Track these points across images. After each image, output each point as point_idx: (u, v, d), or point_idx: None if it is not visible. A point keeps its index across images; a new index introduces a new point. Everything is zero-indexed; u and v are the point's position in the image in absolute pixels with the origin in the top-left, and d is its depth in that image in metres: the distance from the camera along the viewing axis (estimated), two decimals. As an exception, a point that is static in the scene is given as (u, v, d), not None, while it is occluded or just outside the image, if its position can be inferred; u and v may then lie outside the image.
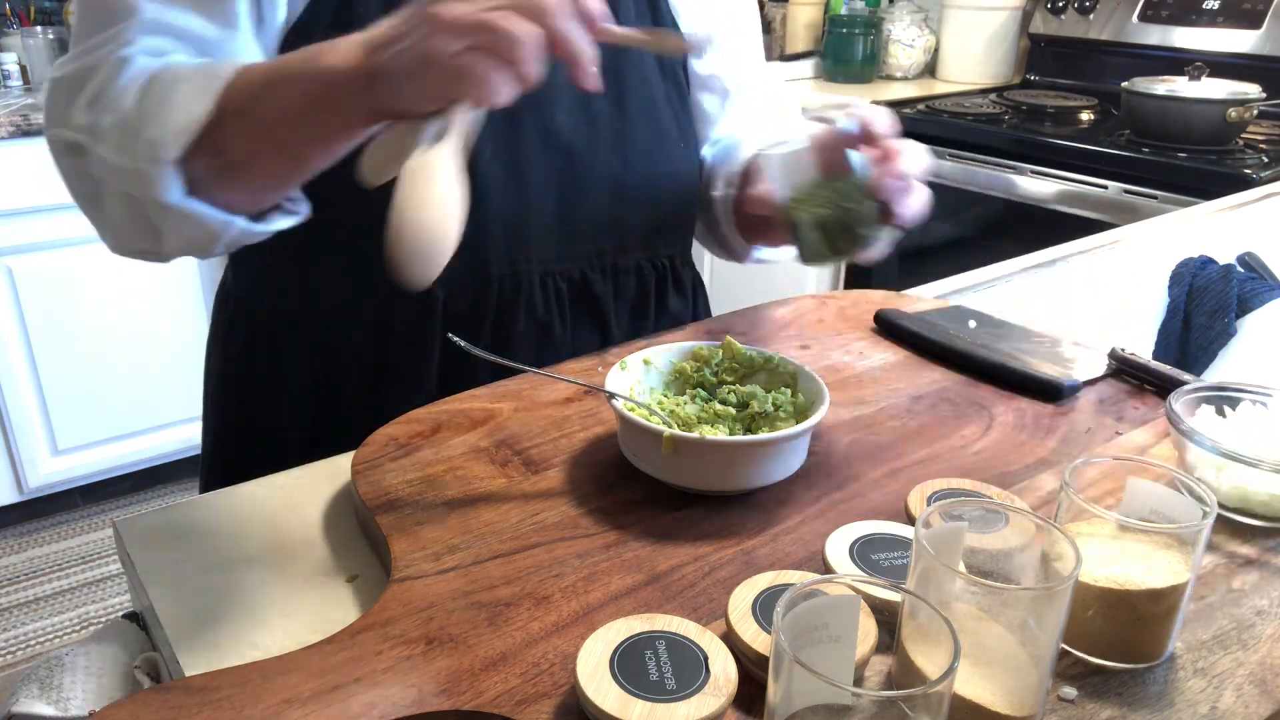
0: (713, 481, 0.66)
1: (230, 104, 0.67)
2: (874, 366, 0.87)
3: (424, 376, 0.85)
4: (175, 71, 0.69)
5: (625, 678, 0.48)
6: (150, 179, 0.67)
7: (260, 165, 0.70)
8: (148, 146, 0.67)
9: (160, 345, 2.53)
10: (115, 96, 0.69)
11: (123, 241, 0.75)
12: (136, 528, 0.67)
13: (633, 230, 0.92)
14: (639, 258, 0.93)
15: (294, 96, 0.65)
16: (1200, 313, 1.21)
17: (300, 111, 0.65)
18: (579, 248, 0.89)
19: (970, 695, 0.47)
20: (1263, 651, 0.53)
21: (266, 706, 0.48)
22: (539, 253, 0.86)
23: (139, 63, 0.70)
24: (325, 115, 0.65)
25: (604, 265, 0.91)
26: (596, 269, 0.90)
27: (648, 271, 0.95)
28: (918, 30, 2.84)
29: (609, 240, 0.90)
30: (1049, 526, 0.48)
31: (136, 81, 0.69)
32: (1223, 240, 1.33)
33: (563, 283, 0.89)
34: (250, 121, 0.67)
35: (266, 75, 0.68)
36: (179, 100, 0.67)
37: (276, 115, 0.66)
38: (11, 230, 2.28)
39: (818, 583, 0.44)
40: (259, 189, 0.72)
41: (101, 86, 0.70)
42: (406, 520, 0.63)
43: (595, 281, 0.90)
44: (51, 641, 2.22)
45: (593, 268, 0.90)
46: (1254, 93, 1.94)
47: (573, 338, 0.90)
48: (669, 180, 0.93)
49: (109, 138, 0.69)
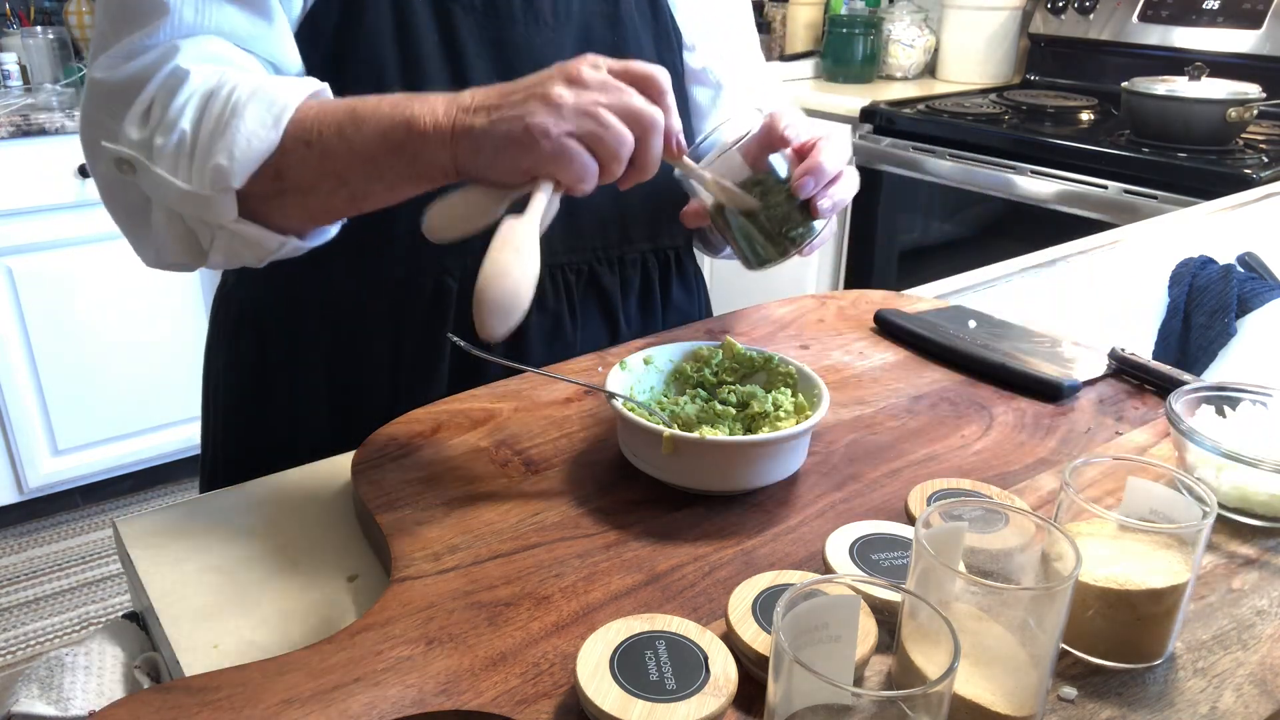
0: (713, 481, 0.66)
1: (298, 133, 0.67)
2: (874, 366, 0.88)
3: (436, 376, 0.86)
4: (236, 92, 0.68)
5: (625, 678, 0.48)
6: (211, 203, 0.68)
7: (319, 198, 0.70)
8: (212, 174, 0.67)
9: (160, 345, 2.53)
10: (172, 115, 0.68)
11: (165, 257, 0.75)
12: (136, 528, 0.67)
13: (636, 221, 0.93)
14: (644, 248, 0.94)
15: (371, 137, 0.65)
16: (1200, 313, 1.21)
17: (374, 153, 0.66)
18: (585, 239, 0.90)
19: (970, 695, 0.47)
20: (1263, 651, 0.53)
21: (266, 706, 0.48)
22: (547, 244, 0.86)
23: (194, 78, 0.69)
24: (400, 162, 0.65)
25: (610, 257, 0.92)
26: (603, 261, 0.91)
27: (652, 263, 0.96)
28: (918, 30, 2.84)
29: (613, 230, 0.91)
30: (1049, 526, 0.48)
31: (194, 100, 0.68)
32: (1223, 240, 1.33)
33: (571, 275, 0.89)
34: (318, 154, 0.67)
35: (342, 109, 0.68)
36: (244, 128, 0.66)
37: (347, 152, 0.67)
38: (11, 230, 2.28)
39: (818, 583, 0.44)
40: (311, 218, 0.73)
41: (153, 103, 0.69)
42: (406, 520, 0.63)
43: (603, 274, 0.91)
44: (51, 641, 2.22)
45: (599, 260, 0.91)
46: (1254, 93, 1.94)
47: (583, 330, 0.91)
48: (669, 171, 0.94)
49: (164, 158, 0.68)
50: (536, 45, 0.85)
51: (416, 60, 0.80)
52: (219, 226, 0.70)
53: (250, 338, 0.91)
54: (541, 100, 0.61)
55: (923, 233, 2.41)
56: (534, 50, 0.85)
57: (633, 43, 0.91)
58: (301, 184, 0.69)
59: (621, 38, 0.90)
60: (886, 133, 2.38)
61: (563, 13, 0.87)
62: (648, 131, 0.62)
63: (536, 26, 0.85)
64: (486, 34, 0.83)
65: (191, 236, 0.72)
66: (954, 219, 2.34)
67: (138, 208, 0.73)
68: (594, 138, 0.61)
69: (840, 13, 2.83)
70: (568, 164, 0.61)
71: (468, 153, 0.63)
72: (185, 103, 0.68)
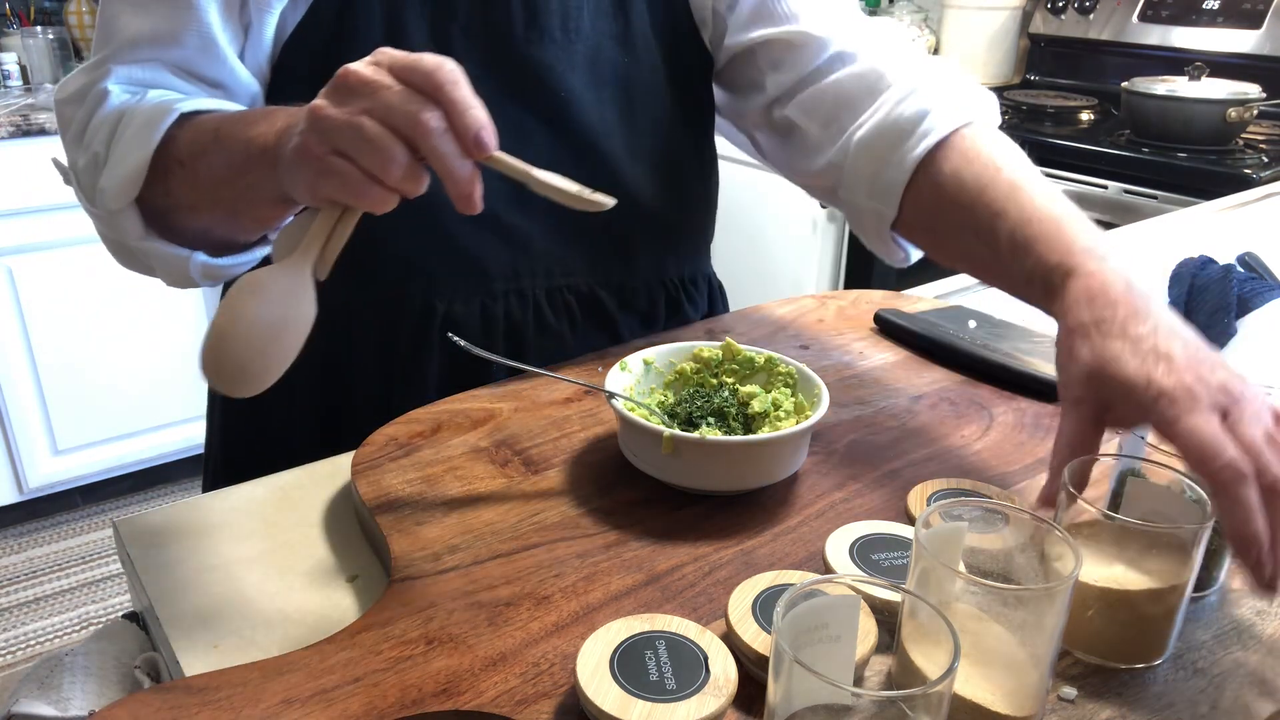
0: (713, 481, 0.66)
1: (175, 153, 0.68)
2: (874, 366, 0.87)
3: (425, 385, 0.85)
4: (133, 114, 0.70)
5: (625, 678, 0.48)
6: (109, 223, 0.71)
7: (203, 216, 0.72)
8: (101, 195, 0.70)
9: (160, 345, 2.53)
10: (90, 135, 0.72)
11: (122, 263, 0.79)
12: (136, 528, 0.67)
13: (640, 251, 0.91)
14: (649, 279, 0.92)
15: (222, 160, 0.66)
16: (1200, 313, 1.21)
17: (225, 175, 0.66)
18: (582, 265, 0.88)
19: (970, 695, 0.47)
20: (1263, 651, 0.53)
21: (266, 706, 0.48)
22: (544, 267, 0.86)
23: (114, 98, 0.72)
24: (245, 182, 0.65)
25: (611, 284, 0.90)
26: (604, 287, 0.90)
27: (658, 292, 0.94)
28: (918, 30, 2.84)
29: (615, 261, 0.89)
30: (1049, 526, 0.48)
31: (108, 121, 0.71)
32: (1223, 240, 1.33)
33: (570, 296, 0.88)
34: (189, 174, 0.68)
35: (208, 131, 0.68)
36: (120, 150, 0.69)
37: (209, 174, 0.67)
38: (11, 230, 2.28)
39: (818, 583, 0.44)
40: (205, 233, 0.74)
41: (83, 121, 0.73)
42: (406, 520, 0.63)
43: (605, 298, 0.90)
44: (51, 641, 2.22)
45: (600, 284, 0.90)
46: (1254, 93, 1.94)
47: (584, 346, 0.90)
48: (679, 200, 0.92)
49: (82, 180, 0.72)
50: (542, 64, 0.82)
51: None
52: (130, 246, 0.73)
53: None
54: (308, 115, 0.55)
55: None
56: (539, 70, 0.82)
57: (644, 63, 0.87)
58: (186, 202, 0.70)
59: (632, 58, 0.87)
60: (886, 133, 2.37)
61: (573, 31, 0.84)
62: (418, 136, 0.53)
63: (542, 45, 0.82)
64: (486, 54, 0.81)
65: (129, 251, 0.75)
66: (954, 219, 2.33)
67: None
68: (355, 150, 0.53)
69: (840, 13, 2.82)
70: (337, 183, 0.54)
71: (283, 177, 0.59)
72: (100, 123, 0.71)
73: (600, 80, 0.85)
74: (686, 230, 0.95)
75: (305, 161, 0.55)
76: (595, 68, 0.85)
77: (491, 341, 0.85)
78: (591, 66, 0.85)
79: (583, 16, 0.84)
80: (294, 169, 0.57)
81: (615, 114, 0.86)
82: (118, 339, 2.47)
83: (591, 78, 0.85)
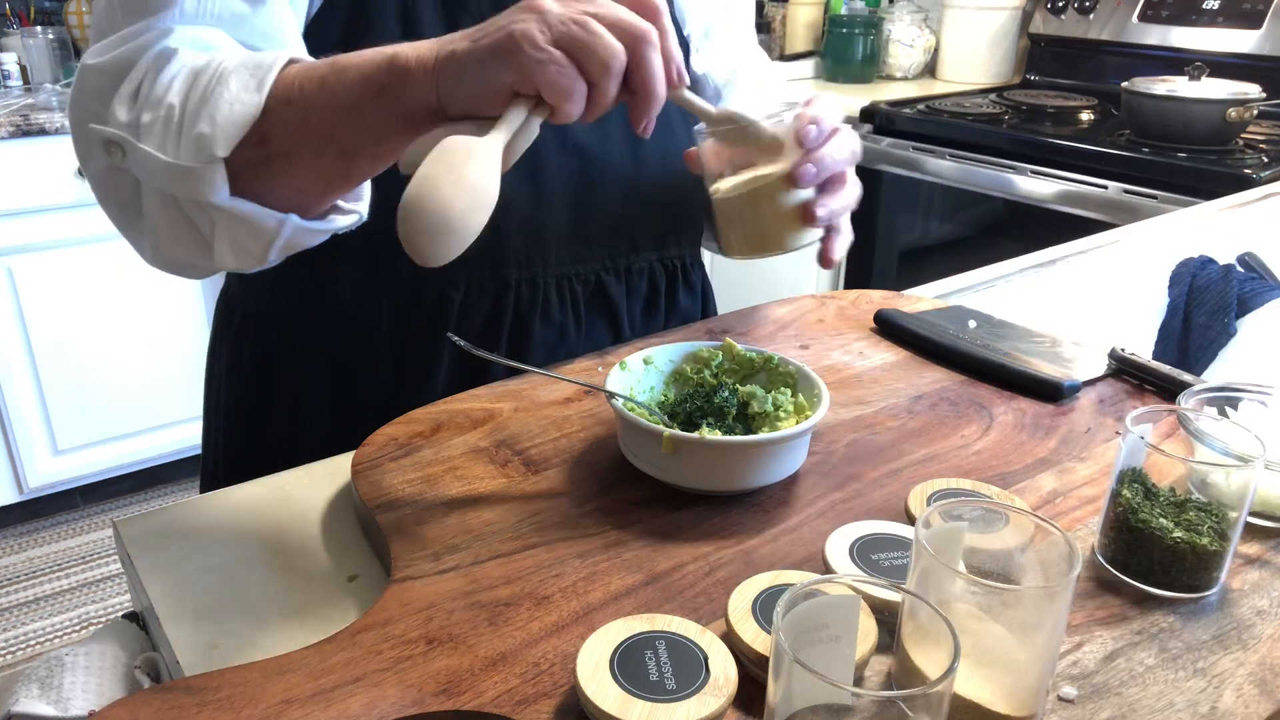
0: (713, 481, 0.66)
1: (280, 93, 0.64)
2: (874, 366, 0.87)
3: (435, 383, 0.86)
4: (222, 65, 0.65)
5: (625, 678, 0.48)
6: (196, 177, 0.64)
7: (305, 160, 0.66)
8: (195, 142, 0.63)
9: (160, 345, 2.53)
10: (159, 92, 0.65)
11: (163, 250, 0.71)
12: (136, 528, 0.67)
13: (645, 230, 0.92)
14: (651, 258, 0.94)
15: (353, 83, 0.62)
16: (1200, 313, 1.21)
17: (355, 101, 0.62)
18: (594, 249, 0.89)
19: (970, 695, 0.47)
20: (1263, 651, 0.53)
21: (266, 706, 0.48)
22: (556, 255, 0.87)
23: (182, 56, 0.67)
24: (384, 105, 0.61)
25: (618, 267, 0.91)
26: (610, 271, 0.91)
27: (659, 272, 0.95)
28: (918, 30, 2.84)
29: (622, 241, 0.91)
30: (1049, 526, 0.48)
31: (180, 76, 0.65)
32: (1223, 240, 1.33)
33: (578, 285, 0.89)
34: (301, 111, 0.64)
35: (324, 64, 0.64)
36: (228, 94, 0.63)
37: (329, 103, 0.63)
38: (11, 230, 2.28)
39: (818, 583, 0.44)
40: (300, 189, 0.68)
41: (142, 81, 0.67)
42: (406, 520, 0.63)
43: (609, 283, 0.91)
44: (51, 641, 2.22)
45: (607, 270, 0.91)
46: (1254, 93, 1.94)
47: (586, 339, 0.91)
48: (678, 179, 0.94)
49: (152, 135, 0.65)
50: None
51: None
52: (214, 208, 0.65)
53: (252, 342, 0.91)
54: (527, 9, 0.56)
55: (923, 233, 2.41)
56: None
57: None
58: (287, 147, 0.65)
59: None
60: (886, 133, 2.38)
61: None
62: (640, 44, 0.56)
63: None
64: None
65: (190, 226, 0.68)
66: (954, 219, 2.34)
67: (131, 199, 0.70)
68: (581, 46, 0.55)
69: (840, 13, 2.83)
70: (553, 75, 0.55)
71: (451, 80, 0.58)
72: (173, 78, 0.65)
73: None
74: (685, 207, 0.96)
75: (519, 46, 0.55)
76: None
77: (497, 332, 0.86)
78: None
79: None
80: (493, 60, 0.56)
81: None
82: (118, 339, 2.47)
83: None
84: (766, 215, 0.70)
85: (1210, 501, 0.58)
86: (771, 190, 0.69)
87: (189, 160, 0.63)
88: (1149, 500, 0.58)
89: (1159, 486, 0.59)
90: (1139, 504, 0.58)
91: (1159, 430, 0.63)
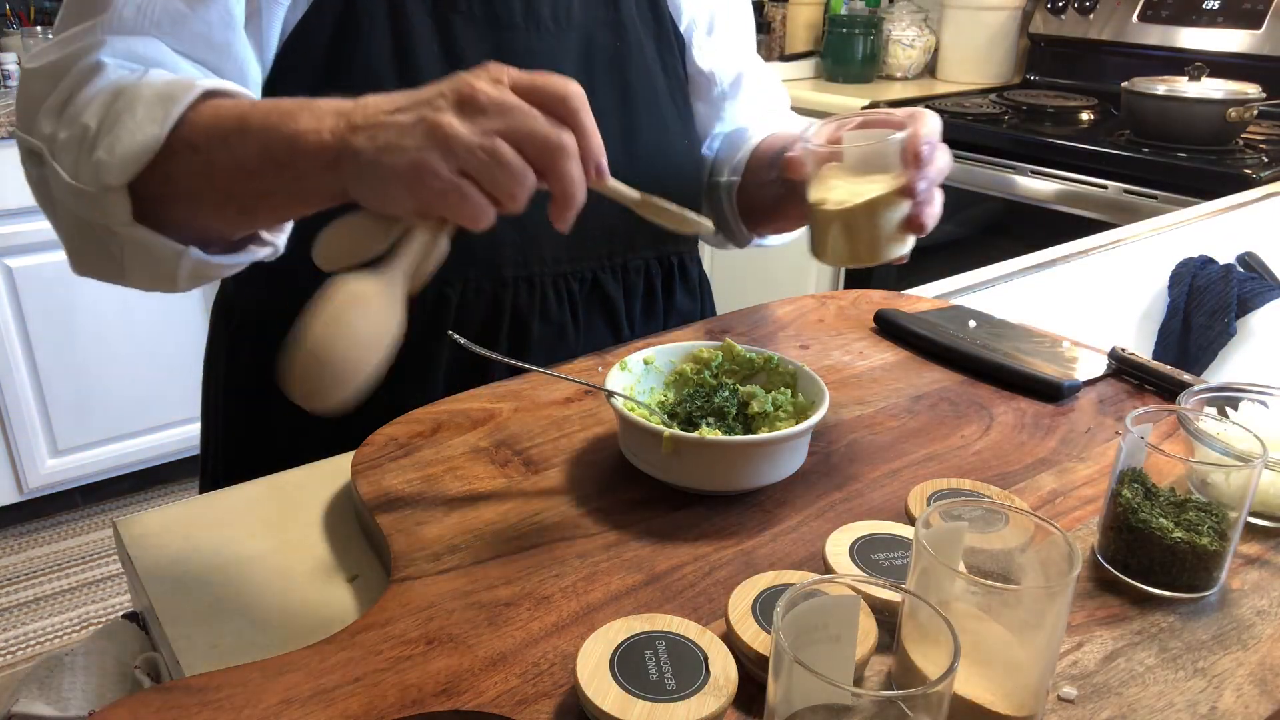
0: (713, 481, 0.66)
1: (187, 136, 0.63)
2: (874, 366, 0.87)
3: (433, 382, 0.86)
4: (139, 88, 0.64)
5: (625, 678, 0.48)
6: (95, 202, 0.63)
7: (206, 209, 0.65)
8: (95, 169, 0.63)
9: (160, 345, 2.53)
10: (79, 108, 0.65)
11: (81, 262, 0.71)
12: (136, 528, 0.67)
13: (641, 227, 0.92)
14: (648, 256, 0.94)
15: (253, 149, 0.60)
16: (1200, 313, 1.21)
17: (256, 167, 0.61)
18: (590, 247, 0.89)
19: (970, 695, 0.47)
20: (1263, 651, 0.53)
21: (266, 706, 0.48)
22: (552, 253, 0.87)
23: (110, 72, 0.66)
24: (282, 179, 0.60)
25: (614, 265, 0.91)
26: (607, 269, 0.91)
27: (655, 269, 0.95)
28: (918, 30, 2.84)
29: (618, 239, 0.91)
30: (1049, 526, 0.48)
31: (102, 95, 0.65)
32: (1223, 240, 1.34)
33: (575, 283, 0.89)
34: (203, 161, 0.63)
35: (233, 117, 0.63)
36: (131, 122, 0.62)
37: (230, 164, 0.62)
38: (11, 230, 2.28)
39: (818, 583, 0.44)
40: (205, 229, 0.68)
41: (69, 94, 0.66)
42: (406, 520, 0.63)
43: (607, 281, 0.91)
44: (51, 641, 2.22)
45: (603, 268, 0.91)
46: (1254, 93, 1.93)
47: (586, 338, 0.91)
48: (675, 175, 0.94)
49: (66, 153, 0.65)
50: (539, 53, 0.84)
51: (415, 72, 0.79)
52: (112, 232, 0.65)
53: (251, 343, 0.91)
54: (430, 132, 0.53)
55: (923, 233, 2.41)
56: (536, 58, 0.84)
57: (635, 49, 0.91)
58: (191, 192, 0.64)
59: (624, 42, 0.90)
60: (886, 133, 2.37)
61: (563, 19, 0.86)
62: (555, 158, 0.54)
63: (538, 33, 0.84)
64: (487, 43, 0.82)
65: (100, 244, 0.67)
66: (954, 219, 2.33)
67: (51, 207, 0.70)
68: (487, 175, 0.53)
69: (840, 13, 2.83)
70: (458, 205, 0.53)
71: (352, 179, 0.56)
72: (94, 96, 0.65)
73: (594, 66, 0.88)
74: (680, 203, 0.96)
75: (420, 178, 0.53)
76: (589, 54, 0.88)
77: (496, 331, 0.86)
78: (585, 53, 0.87)
79: (573, 5, 0.87)
80: (394, 182, 0.54)
81: (611, 98, 0.88)
82: (118, 339, 2.47)
83: (586, 64, 0.87)
84: (879, 226, 0.74)
85: (1210, 501, 0.58)
86: (886, 204, 0.73)
87: (89, 185, 0.63)
88: (1149, 500, 0.58)
89: (1159, 486, 0.59)
90: (1139, 504, 0.58)
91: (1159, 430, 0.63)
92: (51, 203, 0.70)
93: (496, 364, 0.83)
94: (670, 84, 0.94)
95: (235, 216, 0.66)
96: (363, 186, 0.56)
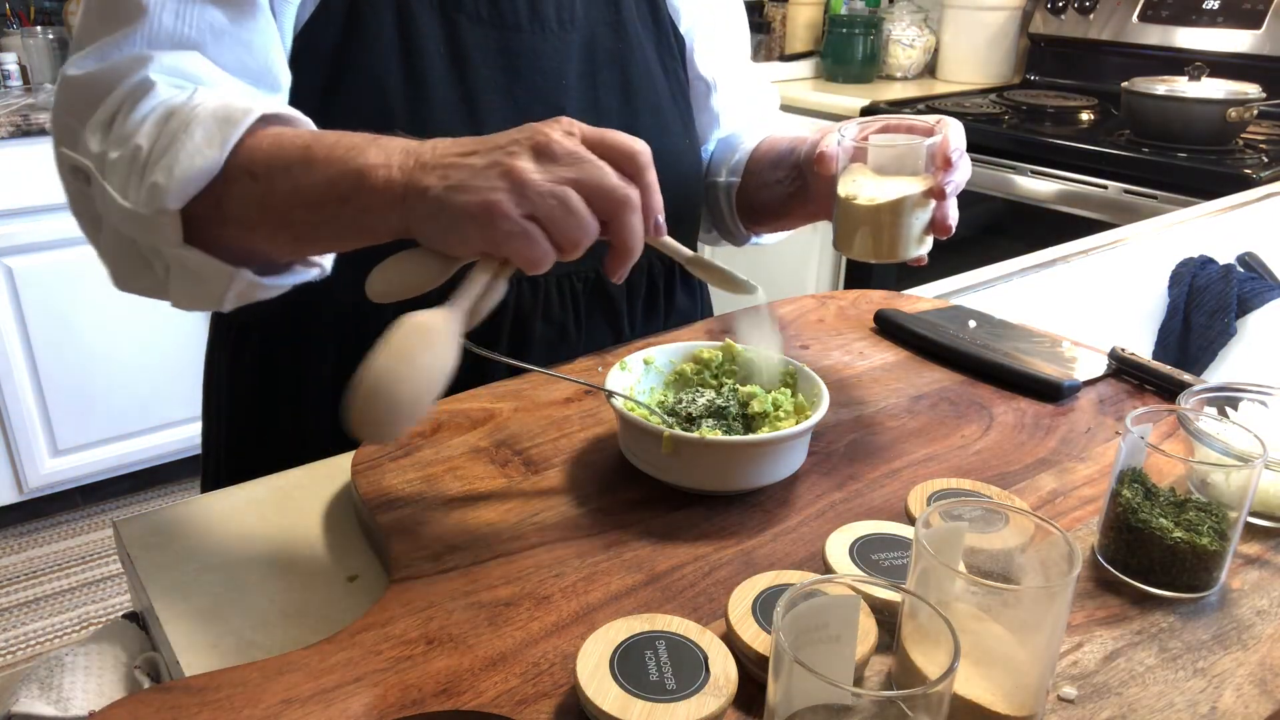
0: (713, 481, 0.66)
1: (245, 163, 0.62)
2: (874, 366, 0.87)
3: None
4: (193, 109, 0.64)
5: (625, 678, 0.48)
6: (150, 225, 0.63)
7: (260, 236, 0.65)
8: (149, 191, 0.62)
9: (160, 345, 2.53)
10: (129, 129, 0.64)
11: (121, 281, 0.72)
12: (136, 528, 0.67)
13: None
14: (650, 254, 0.94)
15: (317, 181, 0.60)
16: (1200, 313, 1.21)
17: (318, 199, 0.61)
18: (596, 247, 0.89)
19: (970, 695, 0.47)
20: (1263, 651, 0.53)
21: (266, 706, 0.48)
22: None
23: (160, 91, 0.66)
24: (346, 214, 0.60)
25: None
26: None
27: (658, 268, 0.96)
28: (918, 30, 2.84)
29: None
30: (1049, 526, 0.48)
31: (153, 117, 0.64)
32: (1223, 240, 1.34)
33: (579, 283, 0.89)
34: (262, 189, 0.62)
35: (297, 146, 0.63)
36: (190, 144, 0.62)
37: (291, 193, 0.61)
38: (11, 230, 2.28)
39: (818, 583, 0.44)
40: (253, 254, 0.68)
41: (117, 112, 0.66)
42: (406, 520, 0.63)
43: (609, 281, 0.91)
44: (51, 641, 2.22)
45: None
46: (1254, 93, 1.94)
47: (587, 338, 0.91)
48: (676, 175, 0.94)
49: (116, 173, 0.64)
50: (543, 53, 0.85)
51: (421, 73, 0.79)
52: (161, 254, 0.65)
53: (253, 344, 0.91)
54: (504, 175, 0.54)
55: (923, 233, 2.40)
56: (540, 59, 0.84)
57: (636, 50, 0.91)
58: (243, 219, 0.64)
59: (626, 44, 0.90)
60: (886, 133, 2.37)
61: (567, 20, 0.86)
62: (620, 213, 0.56)
63: (543, 34, 0.85)
64: (492, 44, 0.82)
65: (146, 264, 0.68)
66: (954, 219, 2.34)
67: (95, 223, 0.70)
68: (556, 221, 0.55)
69: (840, 13, 2.83)
70: (524, 247, 0.55)
71: (419, 218, 0.57)
72: (145, 116, 0.65)
73: (597, 67, 0.88)
74: (683, 205, 0.96)
75: (491, 218, 0.54)
76: (592, 55, 0.88)
77: (497, 331, 0.86)
78: (588, 54, 0.88)
79: (576, 6, 0.87)
80: (465, 221, 0.55)
81: (615, 100, 0.89)
82: (118, 339, 2.47)
83: (589, 65, 0.88)
84: (905, 225, 0.77)
85: (1210, 501, 0.58)
86: (914, 204, 0.76)
87: (143, 208, 0.63)
88: (1149, 500, 0.58)
89: (1159, 486, 0.59)
90: (1139, 504, 0.58)
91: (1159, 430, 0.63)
92: (93, 219, 0.70)
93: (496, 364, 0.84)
94: (671, 85, 0.95)
95: (288, 244, 0.66)
96: (429, 224, 0.57)
